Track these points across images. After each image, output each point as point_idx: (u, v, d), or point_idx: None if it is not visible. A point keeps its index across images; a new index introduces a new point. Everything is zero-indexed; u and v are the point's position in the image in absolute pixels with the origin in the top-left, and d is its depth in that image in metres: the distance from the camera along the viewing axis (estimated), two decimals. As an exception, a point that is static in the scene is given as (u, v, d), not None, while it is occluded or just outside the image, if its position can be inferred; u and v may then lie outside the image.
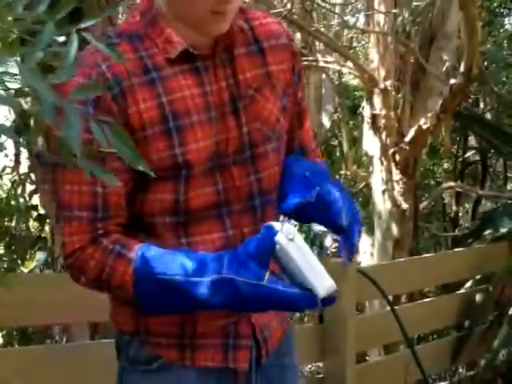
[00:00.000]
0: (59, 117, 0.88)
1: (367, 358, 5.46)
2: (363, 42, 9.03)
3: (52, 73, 0.90)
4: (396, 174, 5.58)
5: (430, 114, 5.23)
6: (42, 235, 5.25)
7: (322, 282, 1.50)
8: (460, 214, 9.49)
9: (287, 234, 1.51)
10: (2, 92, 0.91)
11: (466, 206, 9.90)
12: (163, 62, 1.58)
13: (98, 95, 1.49)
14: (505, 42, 8.50)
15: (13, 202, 5.66)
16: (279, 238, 1.50)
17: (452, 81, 5.00)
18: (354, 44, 9.57)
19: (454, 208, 9.18)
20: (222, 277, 1.49)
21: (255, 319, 1.68)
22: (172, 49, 1.57)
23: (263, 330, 1.70)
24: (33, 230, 5.72)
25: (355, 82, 9.22)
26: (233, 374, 1.68)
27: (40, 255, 5.05)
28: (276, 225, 1.53)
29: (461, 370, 5.39)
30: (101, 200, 1.55)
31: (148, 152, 1.54)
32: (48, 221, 4.49)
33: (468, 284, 4.85)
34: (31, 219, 5.44)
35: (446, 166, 9.68)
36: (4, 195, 6.55)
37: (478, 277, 4.81)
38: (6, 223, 5.70)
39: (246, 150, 1.63)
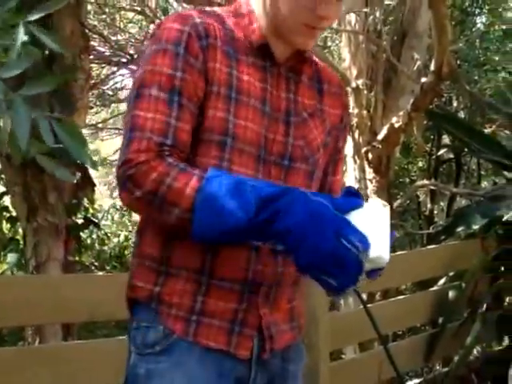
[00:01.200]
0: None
1: (343, 356, 5.47)
2: (337, 42, 9.04)
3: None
4: (369, 173, 5.60)
5: (401, 113, 5.25)
6: (14, 237, 5.22)
7: (380, 250, 1.58)
8: (435, 212, 9.55)
9: (383, 203, 1.62)
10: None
11: (442, 203, 9.96)
12: (241, 48, 1.76)
13: (190, 41, 1.68)
14: (477, 40, 8.56)
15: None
16: (375, 200, 1.62)
17: (423, 79, 5.03)
18: (329, 43, 9.59)
19: (428, 206, 9.23)
20: (294, 188, 1.58)
21: (264, 313, 1.73)
22: (255, 38, 1.76)
23: (270, 327, 1.74)
24: (5, 231, 5.68)
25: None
26: (234, 363, 1.71)
27: (11, 257, 5.03)
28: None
29: (438, 367, 5.42)
30: (172, 130, 1.65)
31: (207, 106, 1.69)
32: (19, 223, 4.46)
33: (442, 281, 4.88)
34: (4, 221, 5.40)
35: (420, 164, 9.74)
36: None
37: (451, 273, 4.84)
38: (-22, 226, 5.66)
39: (286, 159, 1.77)
